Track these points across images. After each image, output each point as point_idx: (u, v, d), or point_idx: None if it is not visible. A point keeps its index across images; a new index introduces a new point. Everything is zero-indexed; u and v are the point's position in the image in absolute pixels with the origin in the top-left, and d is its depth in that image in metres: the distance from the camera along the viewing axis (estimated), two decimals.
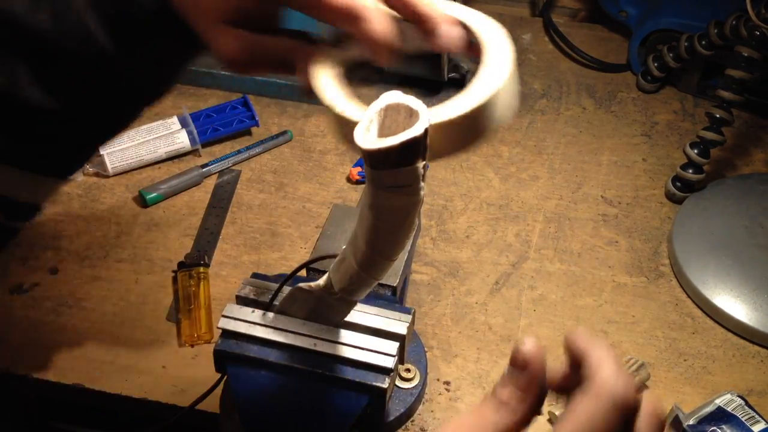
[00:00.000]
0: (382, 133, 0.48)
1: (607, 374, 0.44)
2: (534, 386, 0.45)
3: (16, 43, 0.55)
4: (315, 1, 0.52)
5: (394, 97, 0.48)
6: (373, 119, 0.48)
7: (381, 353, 0.63)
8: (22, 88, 0.55)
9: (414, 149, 0.46)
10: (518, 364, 0.45)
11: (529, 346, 0.45)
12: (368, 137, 0.47)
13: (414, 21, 0.52)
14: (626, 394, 0.43)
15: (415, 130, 0.45)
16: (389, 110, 0.48)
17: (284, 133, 1.02)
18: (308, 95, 0.54)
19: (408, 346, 0.68)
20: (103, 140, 0.65)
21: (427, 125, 0.45)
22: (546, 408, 0.77)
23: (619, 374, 0.44)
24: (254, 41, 0.56)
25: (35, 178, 0.62)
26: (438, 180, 0.98)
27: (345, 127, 0.49)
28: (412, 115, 0.47)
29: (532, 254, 0.91)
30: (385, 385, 0.62)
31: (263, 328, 0.64)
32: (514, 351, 0.45)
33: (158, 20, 0.56)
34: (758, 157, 1.03)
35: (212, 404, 0.72)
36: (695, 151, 0.94)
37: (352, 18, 0.51)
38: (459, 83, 1.08)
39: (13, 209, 0.67)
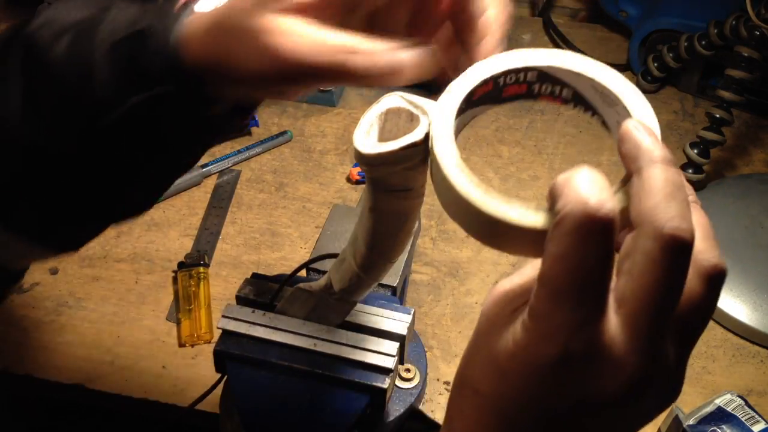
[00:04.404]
0: (383, 137, 0.48)
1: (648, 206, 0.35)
2: None
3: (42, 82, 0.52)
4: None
5: (395, 100, 0.48)
6: (373, 123, 0.47)
7: (381, 353, 0.63)
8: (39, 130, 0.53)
9: (414, 153, 0.46)
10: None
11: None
12: (368, 141, 0.46)
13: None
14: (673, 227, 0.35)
15: (416, 135, 0.45)
16: (390, 114, 0.48)
17: (284, 133, 1.02)
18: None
19: (408, 346, 0.68)
20: (118, 219, 0.60)
21: (427, 129, 0.45)
22: None
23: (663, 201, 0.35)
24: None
25: (34, 248, 0.60)
26: None
27: (493, 227, 0.39)
28: (412, 119, 0.47)
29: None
30: (385, 385, 0.62)
31: (263, 328, 0.64)
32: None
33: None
34: (758, 157, 1.03)
35: (212, 404, 0.72)
36: (695, 151, 0.94)
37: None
38: None
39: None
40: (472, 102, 0.44)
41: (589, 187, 0.35)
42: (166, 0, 0.53)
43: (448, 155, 0.40)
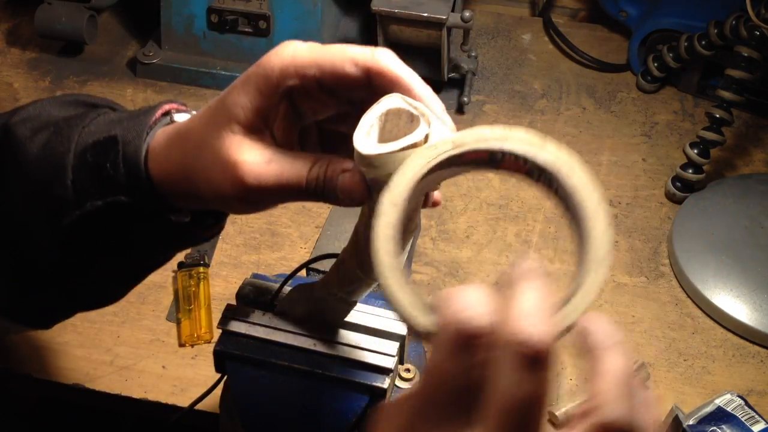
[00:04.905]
0: (383, 137, 0.48)
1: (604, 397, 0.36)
2: None
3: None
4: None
5: (396, 101, 0.48)
6: (373, 124, 0.47)
7: (381, 353, 0.62)
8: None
9: None
10: None
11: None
12: (368, 142, 0.46)
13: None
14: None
15: (416, 136, 0.45)
16: (390, 115, 0.48)
17: None
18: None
19: (408, 346, 0.68)
20: (86, 308, 0.64)
21: (428, 130, 0.45)
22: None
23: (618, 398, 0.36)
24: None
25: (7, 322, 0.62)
26: None
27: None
28: (413, 120, 0.47)
29: (532, 254, 0.91)
30: (385, 385, 0.62)
31: (263, 328, 0.64)
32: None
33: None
34: (758, 157, 1.03)
35: (212, 404, 0.72)
36: (695, 151, 0.94)
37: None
38: (459, 83, 1.08)
39: None
40: (459, 162, 0.44)
41: (464, 304, 0.34)
42: (147, 110, 0.53)
43: (384, 224, 0.41)
